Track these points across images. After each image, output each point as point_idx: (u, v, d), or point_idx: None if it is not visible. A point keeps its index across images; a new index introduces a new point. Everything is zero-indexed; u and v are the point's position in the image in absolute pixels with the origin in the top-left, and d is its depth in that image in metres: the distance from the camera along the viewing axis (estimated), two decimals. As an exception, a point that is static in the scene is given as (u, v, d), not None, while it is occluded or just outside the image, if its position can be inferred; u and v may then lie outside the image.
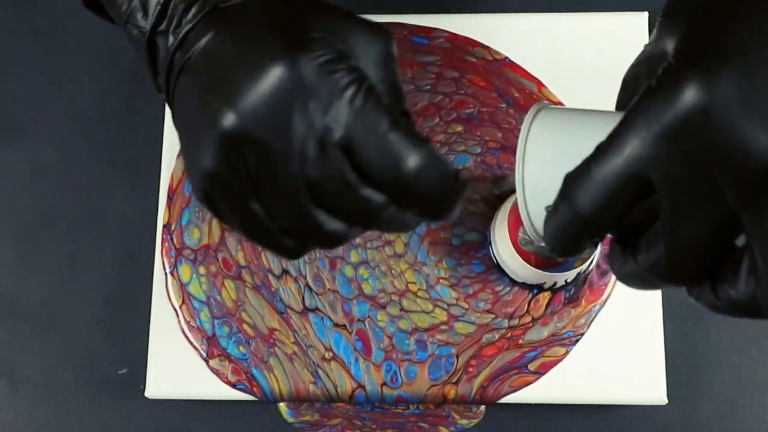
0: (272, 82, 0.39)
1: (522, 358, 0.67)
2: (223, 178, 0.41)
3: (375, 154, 0.40)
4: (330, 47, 0.40)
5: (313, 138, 0.40)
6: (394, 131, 0.40)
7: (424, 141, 0.41)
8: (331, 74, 0.40)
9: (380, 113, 0.40)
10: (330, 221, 0.42)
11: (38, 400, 0.72)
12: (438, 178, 0.41)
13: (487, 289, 0.68)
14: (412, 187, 0.41)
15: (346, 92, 0.40)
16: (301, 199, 0.41)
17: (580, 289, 0.67)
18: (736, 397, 0.69)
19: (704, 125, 0.34)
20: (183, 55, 0.42)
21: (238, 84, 0.39)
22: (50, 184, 0.76)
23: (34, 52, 0.79)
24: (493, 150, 0.70)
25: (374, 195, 0.41)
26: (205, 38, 0.41)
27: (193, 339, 0.68)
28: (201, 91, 0.41)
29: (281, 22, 0.41)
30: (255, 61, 0.40)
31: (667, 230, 0.36)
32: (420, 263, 0.69)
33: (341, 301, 0.68)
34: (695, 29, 0.36)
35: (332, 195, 0.41)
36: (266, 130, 0.40)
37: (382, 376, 0.67)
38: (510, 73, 0.71)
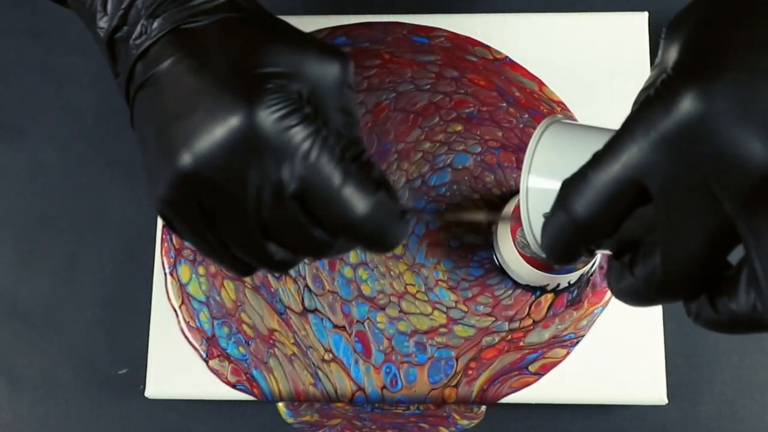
0: (229, 133, 0.40)
1: (522, 359, 0.66)
2: (178, 208, 0.42)
3: (327, 206, 0.42)
4: (287, 96, 0.41)
5: (268, 188, 0.41)
6: (346, 184, 0.42)
7: (375, 186, 0.43)
8: (287, 130, 0.41)
9: (334, 168, 0.42)
10: (280, 252, 0.44)
11: (38, 400, 0.71)
12: (385, 222, 0.43)
13: (487, 292, 0.67)
14: (360, 232, 0.43)
15: (301, 148, 0.41)
16: (253, 236, 0.43)
17: (582, 290, 0.66)
18: (736, 397, 0.68)
19: (701, 134, 0.34)
20: (144, 70, 0.43)
21: (196, 127, 0.41)
22: (50, 184, 0.75)
23: (34, 52, 0.78)
24: (493, 149, 0.69)
25: (324, 235, 0.44)
26: (167, 62, 0.43)
27: (193, 339, 0.67)
28: (161, 120, 0.42)
29: (239, 60, 0.42)
30: (214, 107, 0.41)
31: (663, 239, 0.36)
32: (419, 265, 0.68)
33: (340, 302, 0.68)
34: (694, 41, 0.37)
35: (283, 234, 0.43)
36: (221, 176, 0.41)
37: (382, 379, 0.66)
38: (510, 73, 0.71)
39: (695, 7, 0.38)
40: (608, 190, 0.37)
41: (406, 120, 0.70)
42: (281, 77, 0.42)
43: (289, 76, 0.42)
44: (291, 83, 0.42)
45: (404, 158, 0.70)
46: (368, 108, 0.71)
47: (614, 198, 0.37)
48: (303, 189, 0.42)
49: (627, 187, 0.36)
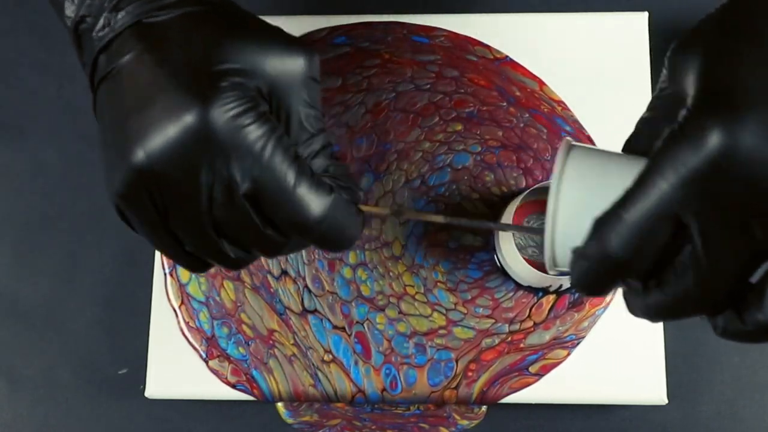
0: (182, 131, 0.40)
1: (523, 360, 0.66)
2: (131, 202, 0.43)
3: (280, 207, 0.42)
4: (242, 94, 0.41)
5: (220, 186, 0.41)
6: (300, 184, 0.42)
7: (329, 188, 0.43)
8: (241, 129, 0.41)
9: (287, 168, 0.41)
10: (233, 250, 0.44)
11: (38, 400, 0.71)
12: (339, 223, 0.43)
13: (486, 294, 0.67)
14: (313, 233, 0.43)
15: (255, 147, 0.41)
16: (206, 233, 0.43)
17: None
18: (736, 397, 0.68)
19: (731, 168, 0.35)
20: (106, 63, 0.43)
21: (150, 123, 0.41)
22: (50, 184, 0.74)
23: (34, 52, 0.78)
24: (493, 148, 0.69)
25: (276, 235, 0.44)
26: (128, 56, 0.42)
27: (193, 339, 0.67)
28: (118, 115, 0.42)
29: (198, 56, 0.42)
30: (168, 104, 0.41)
31: (696, 265, 0.37)
32: (417, 266, 0.68)
33: (340, 303, 0.67)
34: (711, 70, 0.37)
35: (236, 233, 0.43)
36: (174, 173, 0.41)
37: (382, 381, 0.66)
38: (511, 72, 0.70)
39: (703, 29, 0.39)
40: (644, 228, 0.37)
41: (405, 120, 0.70)
42: (239, 74, 0.42)
43: (247, 73, 0.42)
44: (249, 80, 0.42)
45: (404, 158, 0.69)
46: (368, 108, 0.70)
47: (650, 234, 0.38)
48: (255, 189, 0.42)
49: (662, 223, 0.37)
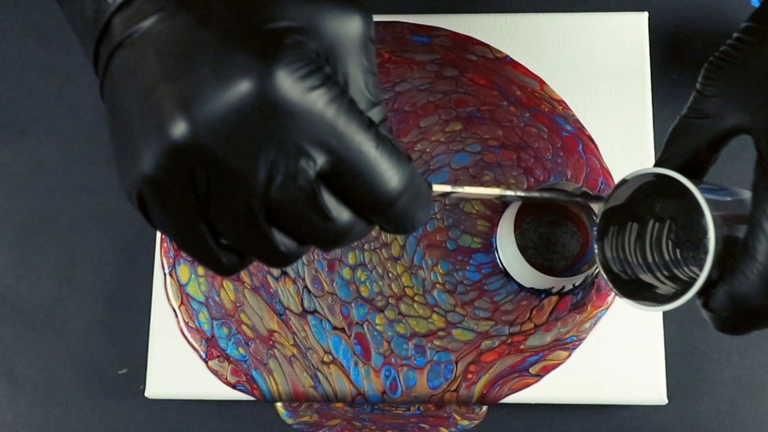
0: (241, 97, 0.33)
1: (523, 362, 0.65)
2: (164, 187, 0.34)
3: (359, 180, 0.35)
4: (305, 53, 0.34)
5: (285, 163, 0.34)
6: (381, 154, 0.36)
7: (407, 158, 0.37)
8: (310, 91, 0.34)
9: (365, 135, 0.35)
10: (284, 242, 0.37)
11: (38, 400, 0.70)
12: (416, 196, 0.37)
13: (485, 297, 0.66)
14: (392, 208, 0.37)
15: (328, 112, 0.34)
16: (256, 221, 0.36)
17: (587, 294, 0.66)
18: (737, 397, 0.68)
19: None
20: (123, 26, 0.35)
21: (197, 89, 0.33)
22: (50, 183, 0.74)
23: (35, 52, 0.77)
24: (493, 148, 0.68)
25: (343, 218, 0.37)
26: (153, 17, 0.34)
27: (192, 340, 0.66)
28: (148, 81, 0.34)
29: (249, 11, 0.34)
30: (221, 66, 0.33)
31: None
32: (416, 267, 0.67)
33: (339, 304, 0.67)
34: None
35: (296, 219, 0.36)
36: (226, 149, 0.33)
37: (382, 383, 0.65)
38: (511, 71, 0.70)
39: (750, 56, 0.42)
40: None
41: (404, 120, 0.69)
42: (297, 32, 0.35)
43: (306, 32, 0.35)
44: (308, 39, 0.35)
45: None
46: (367, 108, 0.69)
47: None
48: (332, 162, 0.35)
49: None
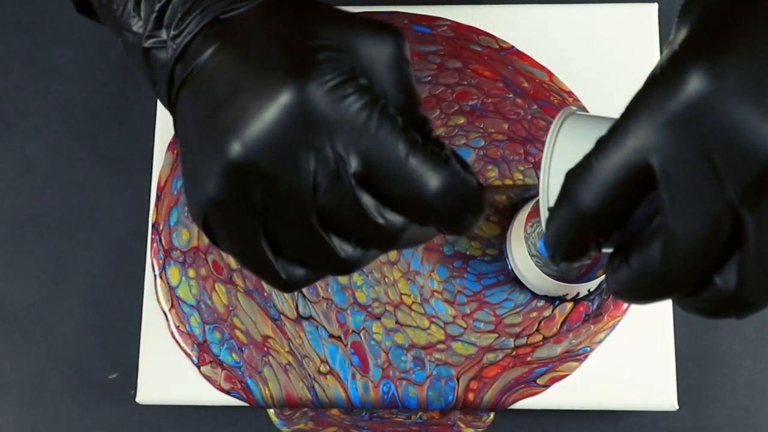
0: (280, 112, 0.37)
1: (530, 373, 0.62)
2: (227, 206, 0.38)
3: (394, 182, 0.38)
4: (338, 67, 0.37)
5: (325, 168, 0.37)
6: (413, 155, 0.38)
7: (445, 158, 0.38)
8: (342, 100, 0.37)
9: (397, 138, 0.37)
10: (345, 247, 0.40)
11: (26, 405, 0.69)
12: (461, 195, 0.39)
13: (486, 308, 0.64)
14: (434, 209, 0.38)
15: (359, 118, 0.37)
16: (312, 228, 0.39)
17: (603, 302, 0.63)
18: (750, 403, 0.66)
19: (708, 113, 0.33)
20: (184, 68, 0.40)
21: (243, 112, 0.37)
22: (38, 181, 0.73)
23: (22, 46, 0.76)
24: (497, 142, 0.66)
25: (394, 219, 0.39)
26: (207, 52, 0.39)
27: (184, 344, 0.64)
28: (204, 112, 0.39)
29: (285, 38, 0.38)
30: (261, 88, 0.37)
31: (664, 224, 0.34)
32: (413, 272, 0.64)
33: (335, 310, 0.64)
34: (703, 20, 0.35)
35: (347, 222, 0.39)
36: (274, 162, 0.37)
37: (380, 400, 0.63)
38: (518, 62, 0.67)
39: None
40: (614, 177, 0.35)
41: (405, 115, 0.68)
42: (332, 49, 0.38)
43: (341, 51, 0.38)
44: (343, 57, 0.38)
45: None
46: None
47: (621, 184, 0.35)
48: (365, 166, 0.37)
49: (632, 171, 0.34)
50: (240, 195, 0.38)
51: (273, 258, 0.40)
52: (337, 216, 0.38)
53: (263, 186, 0.37)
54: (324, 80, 0.37)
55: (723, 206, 0.33)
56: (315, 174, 0.37)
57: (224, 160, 0.37)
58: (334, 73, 0.37)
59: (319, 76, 0.37)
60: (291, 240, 0.39)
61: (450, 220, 0.39)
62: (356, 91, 0.37)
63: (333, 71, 0.37)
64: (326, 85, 0.37)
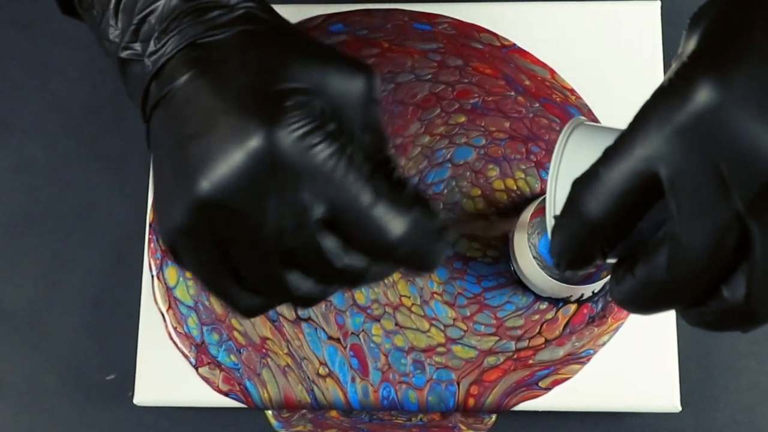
0: (248, 157, 0.38)
1: (531, 376, 0.62)
2: (193, 236, 0.40)
3: (359, 229, 0.39)
4: (308, 114, 0.39)
5: (291, 213, 0.39)
6: (378, 204, 0.39)
7: (409, 205, 0.40)
8: (310, 149, 0.38)
9: (362, 187, 0.39)
10: (304, 284, 0.41)
11: (22, 407, 0.68)
12: (423, 240, 0.40)
13: (487, 311, 0.63)
14: (397, 254, 0.40)
15: (326, 167, 0.38)
16: (273, 267, 0.40)
17: (607, 304, 0.62)
18: (754, 405, 0.66)
19: (716, 124, 0.33)
20: (159, 88, 0.41)
21: (213, 151, 0.38)
22: (35, 181, 0.72)
23: (19, 44, 0.75)
24: (498, 141, 0.65)
25: (356, 262, 0.40)
26: (183, 78, 0.40)
27: (181, 345, 0.63)
28: (177, 141, 0.40)
29: (258, 76, 0.40)
30: (232, 129, 0.38)
31: (671, 233, 0.35)
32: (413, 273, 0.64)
33: (334, 312, 0.63)
34: (711, 32, 0.36)
35: (309, 263, 0.40)
36: (240, 203, 0.38)
37: (380, 404, 0.62)
38: (520, 60, 0.66)
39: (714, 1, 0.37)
40: (621, 186, 0.35)
41: (404, 113, 0.66)
42: (302, 93, 0.39)
43: (311, 93, 0.40)
44: (313, 100, 0.40)
45: (402, 153, 0.65)
46: (365, 100, 0.67)
47: (627, 193, 0.35)
48: (331, 212, 0.39)
49: (640, 180, 0.35)
50: (206, 228, 0.39)
51: (233, 287, 0.42)
52: (300, 257, 0.40)
53: (229, 223, 0.39)
54: (293, 129, 0.38)
55: (730, 216, 0.34)
56: (280, 217, 0.39)
57: (193, 196, 0.38)
58: (303, 121, 0.38)
59: (288, 124, 0.38)
60: (252, 275, 0.41)
61: (412, 263, 0.41)
62: (324, 139, 0.38)
63: (302, 119, 0.38)
64: (295, 133, 0.38)
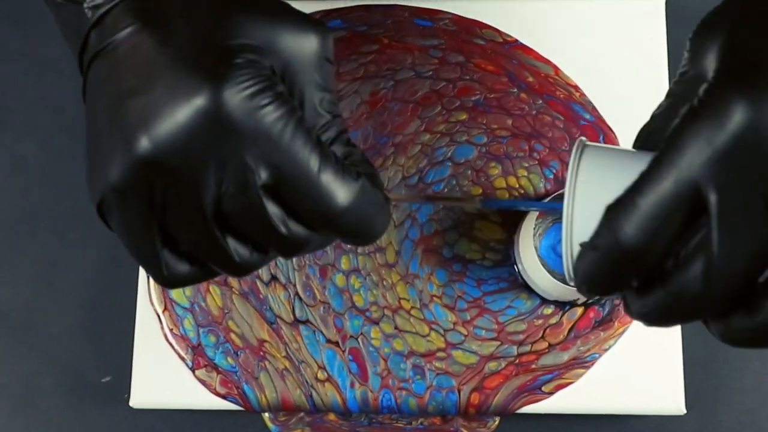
0: (193, 114, 0.36)
1: (534, 381, 0.61)
2: (126, 194, 0.38)
3: (303, 196, 0.38)
4: (257, 72, 0.37)
5: (233, 175, 0.37)
6: (324, 171, 0.38)
7: (355, 174, 0.39)
8: (258, 110, 0.37)
9: (309, 153, 0.38)
10: (241, 251, 0.40)
11: (17, 409, 0.68)
12: (367, 212, 0.39)
13: (487, 315, 0.62)
14: (339, 224, 0.39)
15: (273, 130, 0.37)
16: (209, 230, 0.39)
17: (614, 308, 0.61)
18: (758, 407, 0.65)
19: (756, 144, 0.34)
20: (99, 39, 0.39)
21: (155, 107, 0.36)
22: (30, 180, 0.71)
23: (12, 41, 0.74)
24: (501, 138, 0.64)
25: (298, 230, 0.39)
26: (125, 31, 0.38)
27: (178, 347, 0.62)
28: (116, 95, 0.38)
29: (207, 30, 0.38)
30: (176, 85, 0.36)
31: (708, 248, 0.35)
32: (412, 275, 0.62)
33: (333, 315, 0.62)
34: (735, 45, 0.36)
35: (249, 229, 0.39)
36: (181, 162, 0.37)
37: (379, 411, 0.61)
38: (522, 56, 0.65)
39: (726, 10, 0.37)
40: (662, 211, 0.35)
41: (404, 110, 0.65)
42: (252, 51, 0.38)
43: (261, 50, 0.38)
44: (263, 58, 0.38)
45: (401, 152, 0.64)
46: (363, 98, 0.65)
47: (669, 217, 0.35)
48: (274, 177, 0.38)
49: (682, 204, 0.35)
50: (141, 187, 0.38)
51: (160, 250, 0.39)
52: (240, 222, 0.39)
53: (166, 183, 0.37)
54: (241, 87, 0.37)
55: None
56: (222, 179, 0.37)
57: (132, 153, 0.37)
58: (252, 81, 0.37)
59: (236, 82, 0.37)
60: (187, 238, 0.39)
61: (354, 234, 0.40)
62: (273, 100, 0.37)
63: (251, 78, 0.37)
64: (244, 92, 0.37)
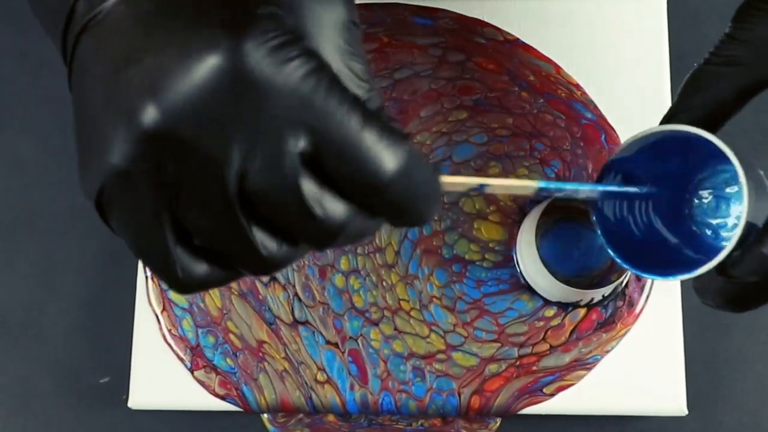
0: (210, 73, 0.30)
1: (535, 383, 0.60)
2: (132, 179, 0.31)
3: (344, 161, 0.31)
4: (280, 26, 0.31)
5: (262, 145, 0.31)
6: (368, 130, 0.31)
7: (402, 135, 0.32)
8: (285, 63, 0.30)
9: (349, 110, 0.31)
10: (268, 242, 0.33)
11: (14, 410, 0.67)
12: (420, 180, 0.32)
13: (487, 317, 0.61)
14: (389, 194, 0.32)
15: (305, 86, 0.30)
16: (233, 216, 0.32)
17: (617, 310, 0.61)
18: (760, 408, 0.65)
19: None
20: (87, 7, 0.32)
21: (164, 68, 0.30)
22: (27, 180, 0.71)
23: (10, 39, 0.74)
24: (501, 137, 0.63)
25: (335, 210, 0.32)
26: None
27: (176, 348, 0.62)
28: (113, 63, 0.31)
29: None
30: (188, 42, 0.30)
31: None
32: (412, 276, 0.62)
33: (332, 316, 0.62)
34: None
35: (279, 213, 0.32)
36: (197, 133, 0.30)
37: (379, 414, 0.61)
38: (523, 55, 0.65)
39: None
40: None
41: (403, 109, 0.64)
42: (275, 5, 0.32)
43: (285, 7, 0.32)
44: (286, 14, 0.32)
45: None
46: (363, 97, 0.66)
47: None
48: (313, 144, 0.31)
49: None
50: (150, 167, 0.31)
51: (172, 247, 0.33)
52: (267, 204, 0.32)
53: (180, 159, 0.31)
54: (265, 39, 0.30)
55: None
56: (247, 152, 0.31)
57: (136, 126, 0.30)
58: (276, 31, 0.31)
59: (259, 33, 0.30)
60: (204, 228, 0.32)
61: (405, 209, 0.33)
62: (302, 54, 0.31)
63: (276, 29, 0.31)
64: (267, 44, 0.30)
